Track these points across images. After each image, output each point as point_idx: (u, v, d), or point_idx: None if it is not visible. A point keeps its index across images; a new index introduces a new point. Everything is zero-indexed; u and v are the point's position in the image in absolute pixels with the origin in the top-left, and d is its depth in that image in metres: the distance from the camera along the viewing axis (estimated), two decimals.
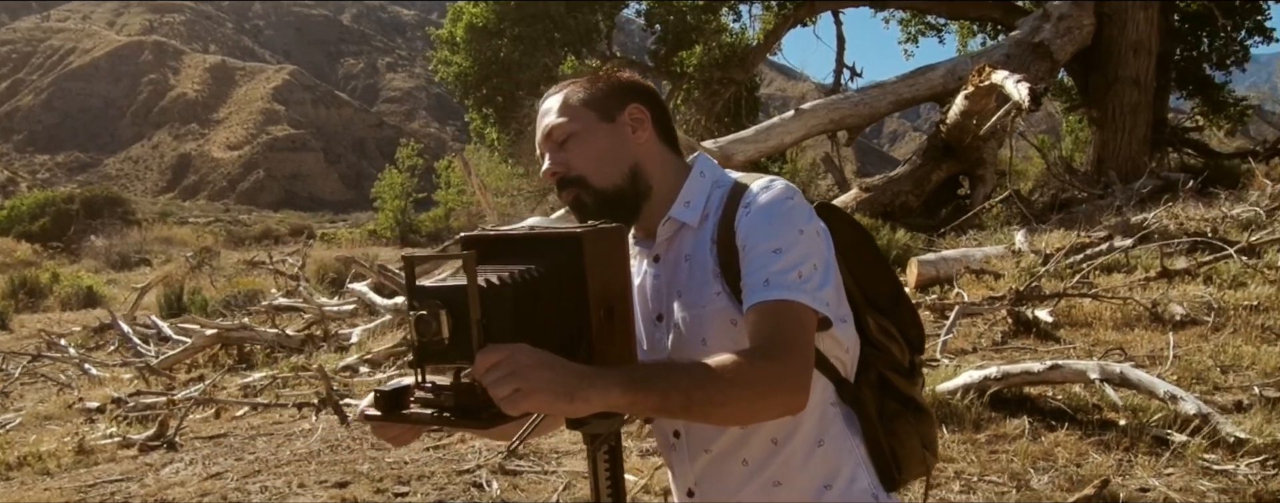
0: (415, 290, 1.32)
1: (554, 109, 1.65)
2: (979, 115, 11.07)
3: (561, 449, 4.95)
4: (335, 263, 14.29)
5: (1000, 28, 17.71)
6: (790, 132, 13.17)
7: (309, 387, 7.08)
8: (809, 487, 1.61)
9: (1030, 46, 14.11)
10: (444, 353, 1.30)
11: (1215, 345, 5.69)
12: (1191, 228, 8.76)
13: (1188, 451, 4.24)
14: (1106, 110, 14.55)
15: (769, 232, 1.50)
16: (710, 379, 1.35)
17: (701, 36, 17.70)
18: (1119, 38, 14.44)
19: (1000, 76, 9.99)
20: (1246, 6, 16.38)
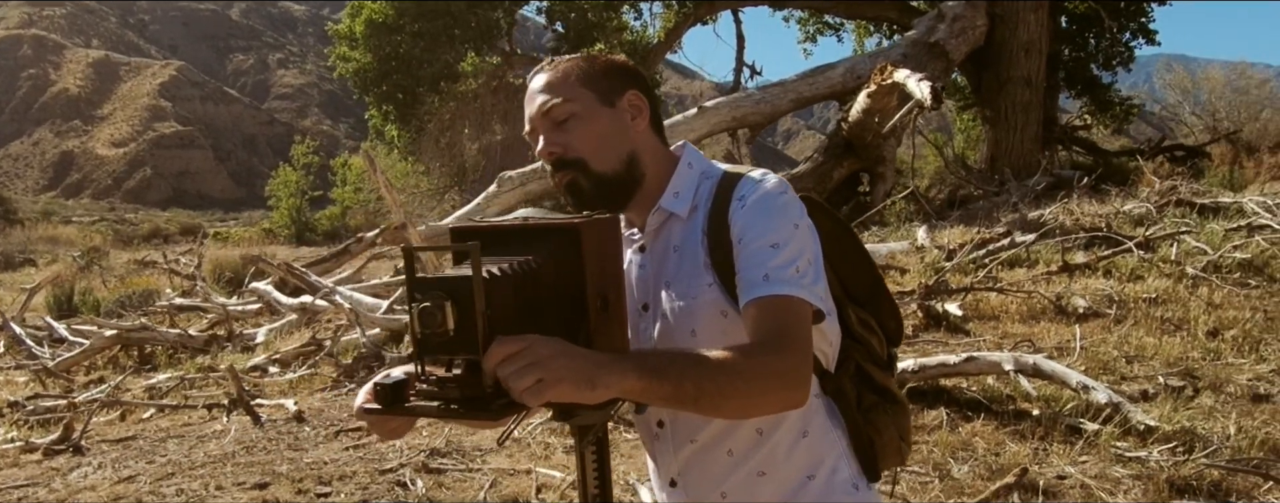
0: (417, 282, 1.27)
1: (552, 86, 1.59)
2: (881, 113, 11.26)
3: (485, 447, 4.84)
4: (233, 262, 13.83)
5: (896, 28, 18.11)
6: (693, 129, 13.22)
7: (218, 387, 6.83)
8: (793, 477, 1.61)
9: (926, 46, 14.42)
10: (448, 345, 1.25)
11: (1119, 337, 5.87)
12: (1087, 223, 9.04)
13: (1100, 439, 4.34)
14: (999, 109, 14.97)
15: (766, 226, 1.49)
16: (721, 372, 1.34)
17: (603, 34, 17.64)
18: (1010, 38, 14.88)
19: (902, 75, 10.17)
20: (1131, 9, 17.03)
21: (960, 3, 15.02)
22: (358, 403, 1.40)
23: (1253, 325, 5.99)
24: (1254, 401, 4.89)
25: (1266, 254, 7.59)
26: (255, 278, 11.35)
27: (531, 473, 4.51)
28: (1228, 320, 6.10)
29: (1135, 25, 17.37)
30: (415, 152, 17.89)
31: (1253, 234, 8.27)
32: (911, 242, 9.12)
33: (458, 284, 1.24)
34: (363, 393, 1.40)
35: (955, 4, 15.03)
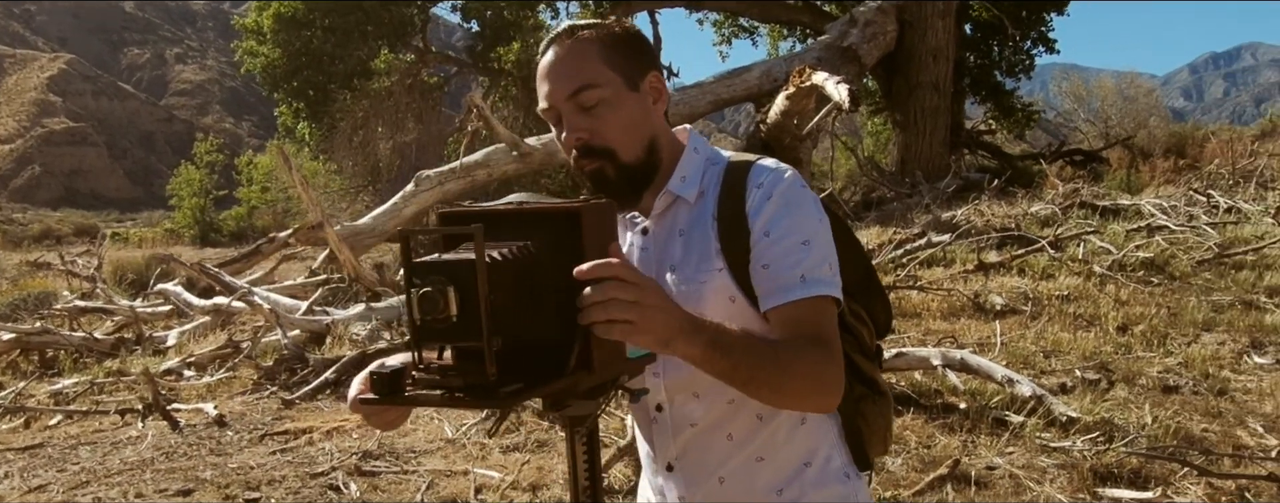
0: (416, 266, 1.22)
1: (579, 68, 1.52)
2: (799, 115, 11.40)
3: (419, 448, 4.79)
4: (136, 263, 13.39)
5: (809, 31, 18.41)
6: None
7: (130, 392, 6.60)
8: (790, 463, 1.62)
9: (840, 50, 14.67)
10: (449, 332, 1.21)
11: (1035, 333, 6.07)
12: (998, 224, 9.33)
13: (1026, 430, 4.49)
14: (909, 113, 15.32)
15: (794, 222, 1.49)
16: (775, 364, 1.36)
17: (519, 33, 17.55)
18: (919, 44, 15.24)
19: (820, 78, 10.30)
20: (1031, 18, 17.58)
21: (872, 8, 15.34)
22: (353, 394, 1.37)
23: (1158, 321, 6.26)
24: (1164, 392, 5.12)
25: (1166, 253, 7.94)
26: (161, 279, 11.02)
27: (469, 474, 4.47)
28: (1135, 316, 6.36)
29: (1036, 34, 17.94)
30: (327, 150, 17.54)
31: (1152, 234, 8.64)
32: None
33: (460, 268, 1.20)
34: (357, 383, 1.37)
35: (867, 9, 15.33)
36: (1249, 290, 6.90)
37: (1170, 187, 12.12)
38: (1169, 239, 8.41)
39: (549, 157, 12.66)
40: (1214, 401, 4.98)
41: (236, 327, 8.44)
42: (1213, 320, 6.25)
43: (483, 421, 4.95)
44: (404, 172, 15.55)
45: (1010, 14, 17.06)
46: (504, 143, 12.20)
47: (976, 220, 9.61)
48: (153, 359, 7.57)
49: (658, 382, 1.62)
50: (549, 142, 12.72)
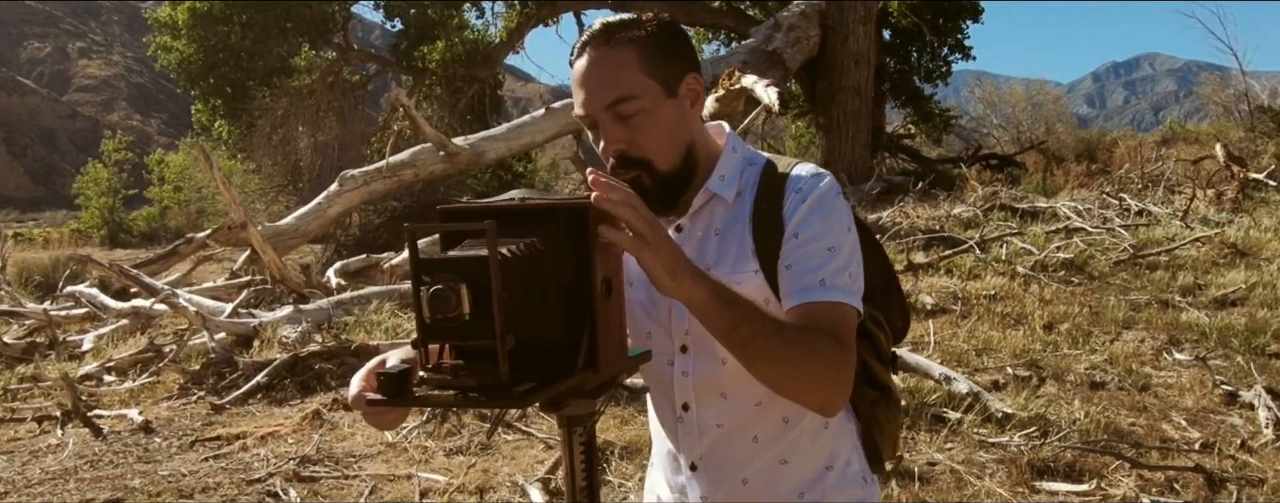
0: (425, 263, 1.20)
1: (617, 77, 1.49)
2: (728, 117, 11.52)
3: (359, 453, 4.71)
4: (42, 264, 12.91)
5: (733, 35, 18.58)
6: (542, 130, 13.20)
7: (47, 398, 6.36)
8: (812, 466, 1.64)
9: (765, 54, 14.84)
10: (460, 330, 1.18)
11: (966, 331, 6.22)
12: (923, 226, 9.52)
13: (964, 426, 4.60)
14: (832, 117, 15.56)
15: (824, 227, 1.50)
16: (778, 334, 1.36)
17: (444, 32, 17.37)
18: (842, 49, 15.49)
19: (749, 80, 10.43)
20: (948, 25, 17.99)
21: (795, 13, 15.55)
22: (354, 393, 1.34)
23: (1081, 319, 6.46)
24: (1092, 387, 5.29)
25: (1085, 254, 8.19)
26: (70, 281, 10.65)
27: (412, 478, 4.42)
28: (1059, 315, 6.55)
29: (953, 41, 18.36)
30: (245, 149, 17.12)
31: (1070, 236, 8.91)
32: None
33: (471, 265, 1.17)
34: (357, 383, 1.35)
35: (790, 15, 15.54)
36: (1163, 290, 7.16)
37: (1084, 190, 12.49)
38: (1086, 240, 8.68)
39: (476, 157, 12.59)
40: (1138, 396, 5.16)
41: (157, 330, 8.20)
42: (1132, 319, 6.47)
43: (424, 423, 4.90)
44: (325, 171, 15.27)
45: (928, 22, 17.45)
46: (431, 142, 12.08)
47: (903, 222, 9.80)
48: (69, 364, 7.30)
49: (686, 381, 1.63)
50: (477, 142, 12.66)
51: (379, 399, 1.28)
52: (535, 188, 13.51)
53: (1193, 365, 5.57)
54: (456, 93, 17.21)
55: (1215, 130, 20.07)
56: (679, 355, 1.62)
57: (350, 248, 12.96)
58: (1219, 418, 4.87)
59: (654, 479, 1.84)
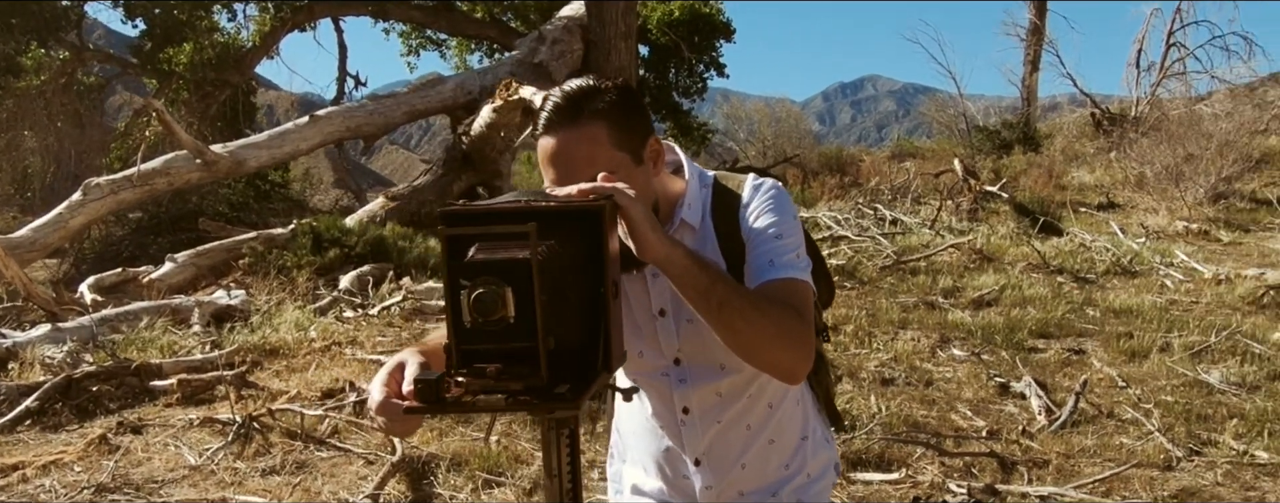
0: (463, 267, 1.18)
1: (588, 154, 1.56)
2: (505, 128, 11.49)
3: (160, 477, 4.33)
4: None
5: (496, 46, 18.52)
6: (306, 138, 12.66)
7: None
8: (793, 440, 1.88)
9: (531, 66, 14.90)
10: (503, 333, 1.17)
11: None
12: None
13: None
14: None
15: (770, 219, 1.68)
16: (748, 298, 1.51)
17: (193, 34, 16.31)
18: (604, 63, 15.73)
19: (528, 92, 10.46)
20: (703, 44, 18.69)
21: (558, 27, 15.71)
22: (379, 401, 1.33)
23: (863, 321, 6.88)
24: (883, 384, 5.65)
25: (853, 260, 8.74)
26: None
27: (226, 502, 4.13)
28: (842, 317, 6.95)
29: (708, 58, 19.09)
30: None
31: (837, 243, 9.47)
32: None
33: (513, 268, 1.17)
34: (380, 390, 1.33)
35: (554, 28, 15.68)
36: (928, 292, 7.74)
37: (839, 201, 13.29)
38: (853, 247, 9.25)
39: (236, 165, 11.89)
40: (924, 390, 5.56)
41: None
42: (906, 319, 6.96)
43: (230, 443, 4.58)
44: (60, 179, 13.96)
45: (686, 39, 18.08)
46: (187, 149, 11.31)
47: None
48: None
49: (686, 388, 1.80)
50: (236, 150, 11.95)
51: (418, 406, 1.23)
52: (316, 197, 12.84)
53: (966, 361, 6.06)
54: (206, 98, 16.20)
55: (939, 147, 21.92)
56: (673, 368, 1.79)
57: (91, 262, 11.92)
58: (997, 407, 5.33)
59: (630, 475, 1.99)
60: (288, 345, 6.26)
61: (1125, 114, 21.16)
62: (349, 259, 9.39)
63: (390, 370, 1.35)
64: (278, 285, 8.50)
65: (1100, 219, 12.82)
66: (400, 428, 1.36)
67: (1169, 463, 4.53)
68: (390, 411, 1.29)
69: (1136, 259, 9.21)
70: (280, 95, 29.75)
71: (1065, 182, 16.24)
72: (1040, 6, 23.37)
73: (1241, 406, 5.27)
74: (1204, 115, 17.48)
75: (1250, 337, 6.55)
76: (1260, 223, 12.70)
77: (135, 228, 13.10)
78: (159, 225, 13.05)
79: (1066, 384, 5.66)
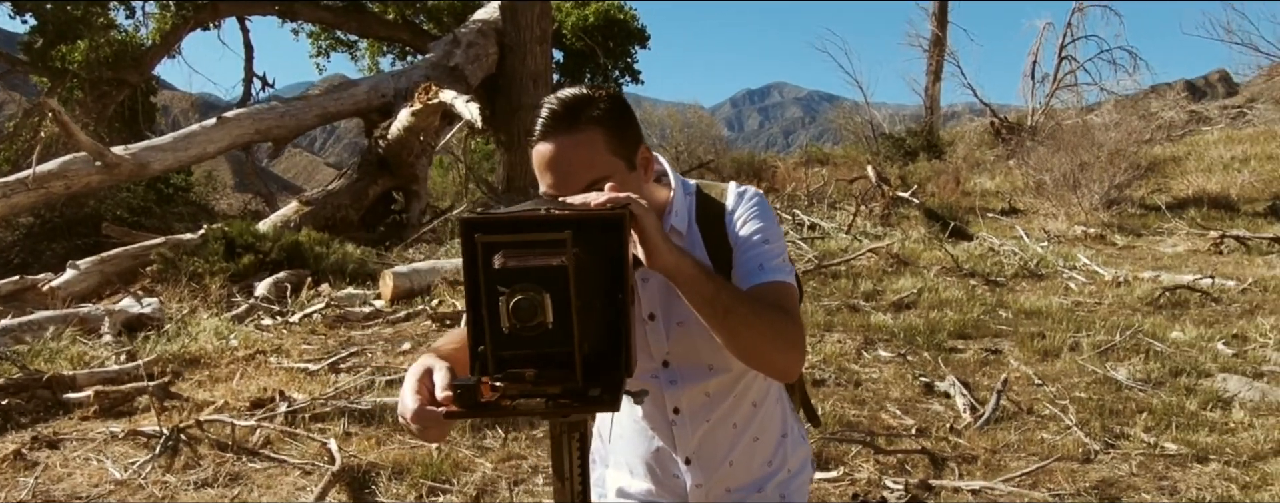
0: (499, 273, 1.20)
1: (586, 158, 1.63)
2: (424, 132, 11.38)
3: (84, 493, 4.19)
4: None
5: (408, 49, 18.31)
6: (214, 141, 12.34)
7: None
8: (774, 437, 1.96)
9: (446, 70, 14.78)
10: (541, 338, 1.20)
11: None
12: None
13: None
14: (513, 134, 15.71)
15: (754, 227, 1.77)
16: (752, 304, 1.58)
17: (88, 31, 15.75)
18: (520, 68, 15.71)
19: (448, 96, 10.40)
20: (618, 50, 18.79)
21: (473, 30, 15.61)
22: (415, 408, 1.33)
23: None
24: (814, 385, 5.75)
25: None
26: None
27: None
28: None
29: (623, 64, 19.19)
30: None
31: None
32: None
33: (549, 274, 1.20)
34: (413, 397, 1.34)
35: (468, 31, 15.58)
36: (850, 296, 7.91)
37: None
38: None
39: (140, 168, 11.54)
40: (854, 390, 5.69)
41: None
42: (831, 322, 7.10)
43: (156, 456, 4.45)
44: None
45: (600, 45, 18.14)
46: (86, 151, 10.93)
47: None
48: None
49: (675, 389, 1.86)
50: (140, 152, 11.58)
51: (457, 412, 1.25)
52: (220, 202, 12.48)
53: (892, 361, 6.22)
54: (103, 98, 15.66)
55: (848, 154, 22.39)
56: (662, 370, 1.85)
57: None
58: (924, 406, 5.48)
59: (614, 478, 2.03)
60: (208, 355, 6.10)
61: (1022, 123, 21.92)
62: (264, 265, 9.20)
63: (419, 377, 1.36)
64: (189, 293, 8.27)
65: (1005, 224, 13.26)
66: (433, 433, 1.37)
67: (1087, 456, 4.73)
68: (428, 417, 1.30)
69: (1042, 263, 9.56)
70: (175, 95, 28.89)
71: (969, 188, 16.75)
72: (942, 19, 24.08)
73: (1149, 401, 5.52)
74: (1095, 125, 18.20)
75: (1151, 336, 6.85)
76: (1151, 228, 13.29)
77: (26, 233, 12.60)
78: (53, 231, 12.57)
79: (986, 383, 5.86)
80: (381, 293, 8.27)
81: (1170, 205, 14.52)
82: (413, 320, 7.28)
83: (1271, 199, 14.82)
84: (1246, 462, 4.62)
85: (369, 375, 5.60)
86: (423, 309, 7.51)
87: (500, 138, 16.32)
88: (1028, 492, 4.31)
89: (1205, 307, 7.89)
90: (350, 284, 8.93)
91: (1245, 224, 13.23)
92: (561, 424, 1.44)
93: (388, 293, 8.16)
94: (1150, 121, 20.53)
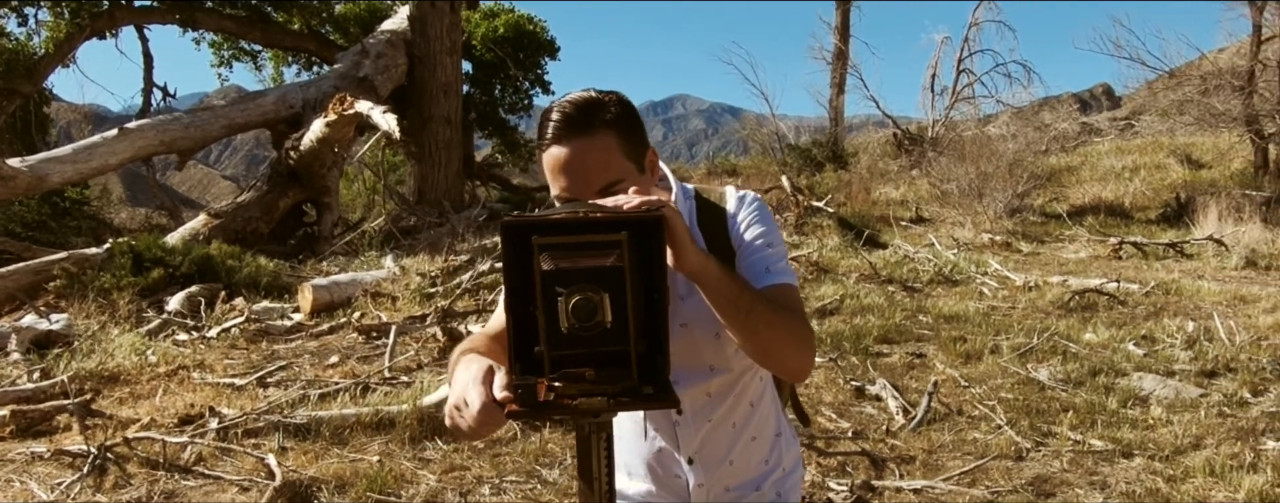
0: (555, 274, 1.21)
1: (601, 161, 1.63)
2: (339, 143, 11.17)
3: None
4: None
5: (315, 59, 17.96)
6: (116, 153, 11.93)
7: None
8: (770, 436, 1.97)
9: (355, 80, 14.55)
10: (599, 338, 1.21)
11: None
12: None
13: None
14: (424, 145, 15.55)
15: (758, 231, 1.80)
16: (771, 304, 1.60)
17: None
18: (430, 79, 15.57)
19: (364, 107, 10.23)
20: (529, 61, 18.70)
21: (381, 41, 15.42)
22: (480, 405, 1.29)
23: None
24: None
25: None
26: None
27: None
28: None
29: (533, 75, 19.10)
30: None
31: None
32: (392, 270, 9.18)
33: (606, 275, 1.22)
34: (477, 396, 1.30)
35: (377, 42, 15.38)
36: None
37: None
38: None
39: (38, 180, 11.08)
40: None
41: None
42: None
43: (85, 476, 4.28)
44: None
45: (511, 56, 18.05)
46: None
47: None
48: None
49: (678, 388, 1.80)
50: (37, 164, 11.12)
51: (520, 411, 1.24)
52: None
53: (822, 366, 6.31)
54: None
55: (755, 164, 22.70)
56: None
57: None
58: (857, 409, 5.58)
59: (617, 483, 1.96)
60: (128, 371, 5.90)
61: (923, 134, 22.53)
62: (174, 280, 8.93)
63: (479, 376, 1.32)
64: (97, 308, 7.96)
65: (916, 232, 13.60)
66: (487, 430, 1.34)
67: (1020, 454, 4.87)
68: (492, 415, 1.28)
69: (955, 269, 9.83)
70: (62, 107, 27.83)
71: (876, 197, 17.13)
72: (844, 32, 24.63)
73: (1071, 400, 5.71)
74: (993, 136, 18.82)
75: (1066, 337, 7.10)
76: (1052, 235, 13.78)
77: None
78: None
79: (915, 386, 5.99)
80: (300, 306, 8.09)
81: (1069, 213, 15.07)
82: (337, 334, 7.14)
83: (1162, 207, 15.51)
84: (1169, 456, 4.82)
85: (300, 389, 5.47)
86: (346, 322, 7.37)
87: (411, 149, 16.12)
88: (968, 490, 4.42)
89: (1113, 309, 8.20)
90: (265, 298, 8.71)
91: (1140, 231, 13.82)
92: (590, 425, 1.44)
93: (307, 306, 7.98)
94: (1045, 133, 21.32)
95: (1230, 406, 5.60)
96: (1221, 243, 11.88)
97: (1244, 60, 17.88)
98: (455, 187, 15.65)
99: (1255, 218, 12.78)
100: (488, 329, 1.77)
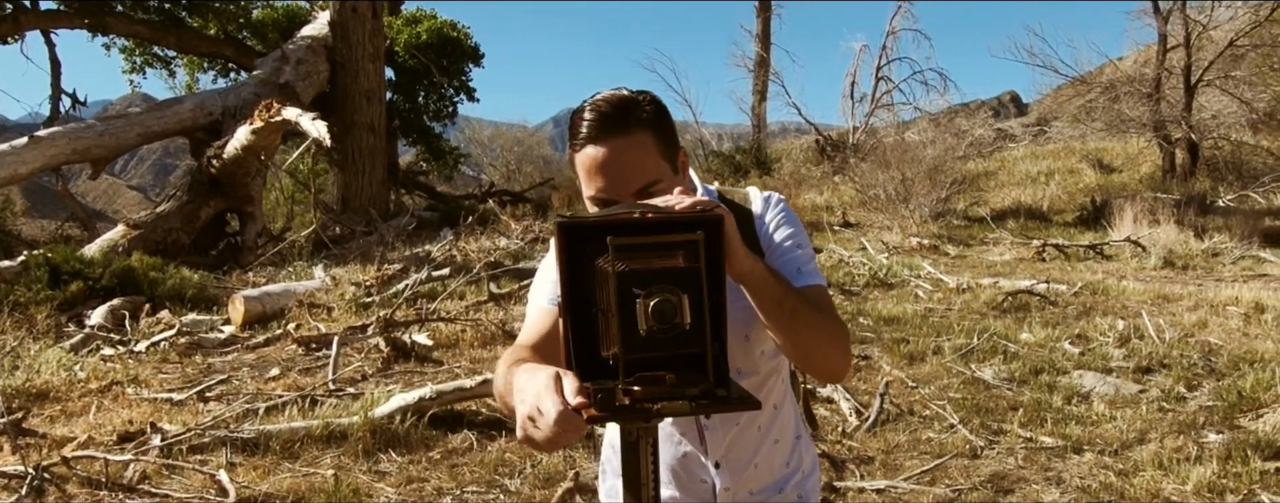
0: (633, 275, 1.17)
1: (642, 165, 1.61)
2: (264, 150, 10.89)
3: None
4: None
5: (232, 65, 17.51)
6: (25, 161, 11.47)
7: None
8: (791, 437, 1.96)
9: (276, 87, 14.24)
10: (677, 339, 1.18)
11: None
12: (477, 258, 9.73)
13: None
14: (347, 153, 15.26)
15: (787, 232, 1.80)
16: (811, 307, 1.59)
17: None
18: (353, 85, 15.31)
19: (293, 113, 10.00)
20: (453, 67, 18.50)
21: (302, 47, 15.12)
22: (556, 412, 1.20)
23: None
24: None
25: None
26: None
27: None
28: None
29: (458, 83, 18.90)
30: None
31: None
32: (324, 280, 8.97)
33: (683, 276, 1.19)
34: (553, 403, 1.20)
35: (297, 48, 15.08)
36: None
37: None
38: None
39: None
40: None
41: None
42: None
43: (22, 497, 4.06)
44: None
45: (434, 63, 17.84)
46: None
47: (458, 255, 9.93)
48: None
49: None
50: None
51: (599, 416, 1.19)
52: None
53: None
54: None
55: None
56: None
57: None
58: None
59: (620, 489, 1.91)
60: (56, 388, 5.64)
61: (845, 140, 22.88)
62: (94, 293, 8.61)
63: (549, 384, 1.24)
64: (13, 323, 7.62)
65: (845, 237, 13.76)
66: (566, 439, 1.26)
67: (975, 452, 4.93)
68: (572, 422, 1.20)
69: (889, 272, 9.96)
70: None
71: (801, 203, 17.31)
72: (765, 40, 24.90)
73: (1017, 398, 5.81)
74: (913, 143, 19.20)
75: (1004, 337, 7.23)
76: (977, 238, 14.07)
77: None
78: None
79: (864, 387, 6.04)
80: (231, 318, 7.85)
81: (991, 216, 15.41)
82: (274, 345, 6.94)
83: (1079, 209, 15.97)
84: (1117, 451, 4.92)
85: (245, 403, 5.29)
86: (283, 333, 7.16)
87: (334, 156, 15.82)
88: (929, 488, 4.45)
89: (1045, 310, 8.39)
90: (192, 310, 8.44)
91: (1060, 233, 14.20)
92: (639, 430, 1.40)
93: (239, 318, 7.75)
94: (963, 139, 21.80)
95: (1168, 400, 5.76)
96: (1139, 245, 12.26)
97: (1149, 68, 18.55)
98: (380, 195, 15.40)
99: (1170, 220, 13.22)
100: (524, 340, 1.70)
